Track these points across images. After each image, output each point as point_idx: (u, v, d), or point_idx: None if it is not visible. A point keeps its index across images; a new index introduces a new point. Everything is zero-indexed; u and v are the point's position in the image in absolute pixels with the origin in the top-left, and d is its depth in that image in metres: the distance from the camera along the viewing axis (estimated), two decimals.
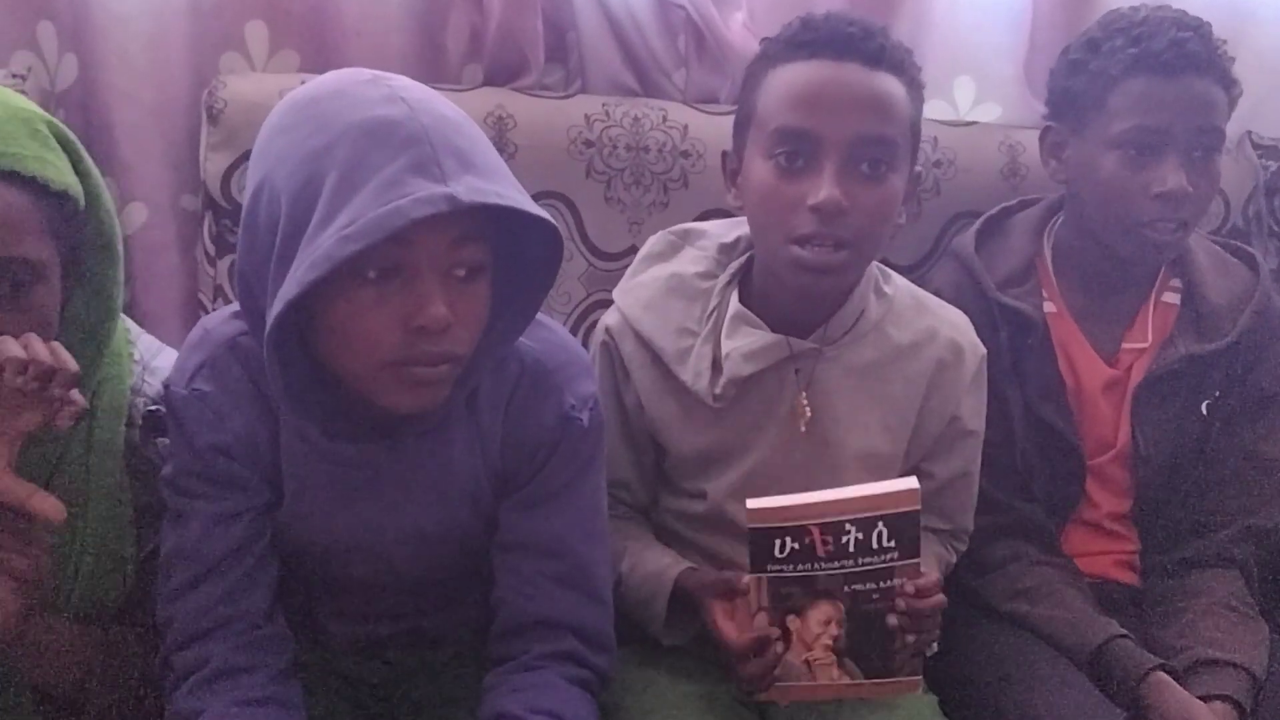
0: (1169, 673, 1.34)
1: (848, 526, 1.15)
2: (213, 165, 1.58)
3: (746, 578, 1.19)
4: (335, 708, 1.28)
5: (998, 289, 1.54)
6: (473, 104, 1.56)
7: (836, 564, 1.16)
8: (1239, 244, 1.68)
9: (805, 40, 1.26)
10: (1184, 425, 1.54)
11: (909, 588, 1.16)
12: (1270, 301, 1.57)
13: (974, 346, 1.41)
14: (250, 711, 1.11)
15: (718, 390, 1.33)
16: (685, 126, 1.67)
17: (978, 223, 1.63)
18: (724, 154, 1.37)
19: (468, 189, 0.98)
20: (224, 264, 1.61)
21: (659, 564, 1.35)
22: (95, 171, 1.13)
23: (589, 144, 1.65)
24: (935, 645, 1.43)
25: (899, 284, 1.42)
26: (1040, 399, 1.53)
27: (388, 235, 0.95)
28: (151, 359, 1.25)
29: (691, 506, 1.41)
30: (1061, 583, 1.47)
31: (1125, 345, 1.56)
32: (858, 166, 1.23)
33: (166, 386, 1.18)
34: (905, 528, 1.15)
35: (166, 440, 1.21)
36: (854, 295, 1.34)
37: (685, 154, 1.66)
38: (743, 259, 1.39)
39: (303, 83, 1.53)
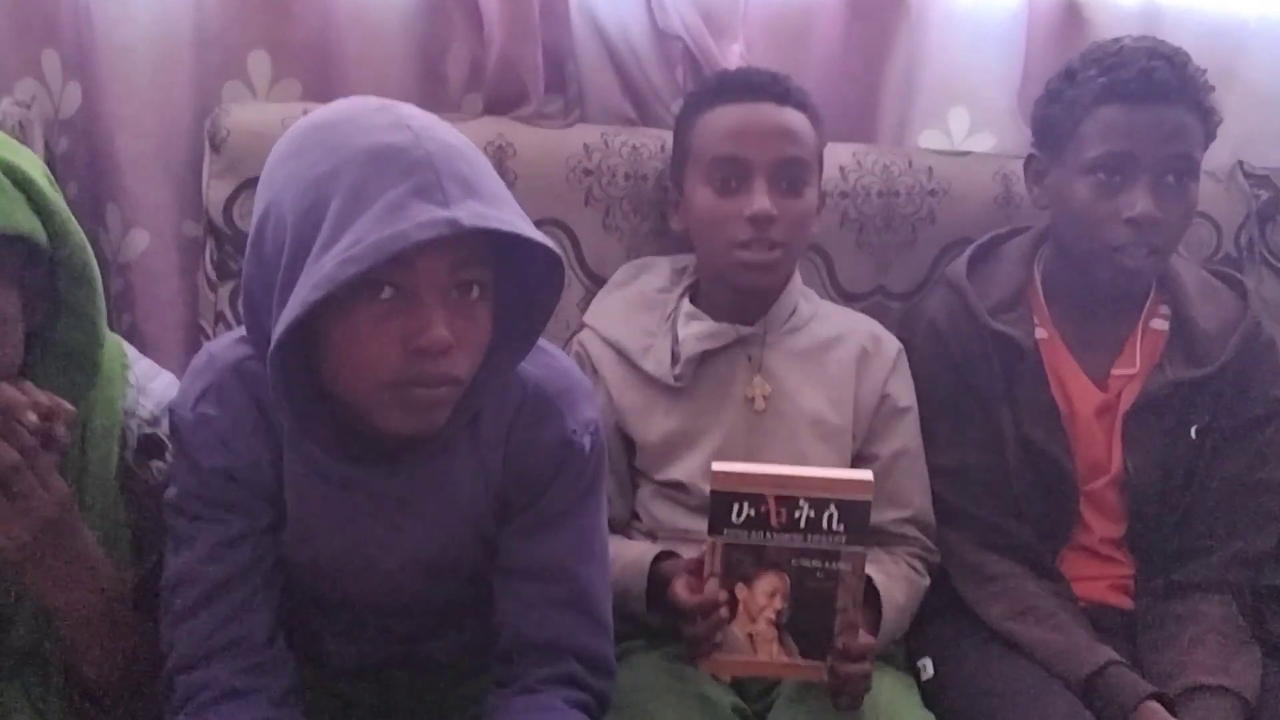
0: (1163, 701, 1.35)
1: (802, 502, 1.23)
2: (215, 193, 1.59)
3: (708, 540, 1.26)
4: None
5: (989, 315, 1.56)
6: (473, 133, 1.56)
7: (787, 536, 1.23)
8: (1227, 270, 1.70)
9: (726, 87, 1.54)
10: (1174, 450, 1.55)
11: (852, 575, 1.24)
12: (1258, 327, 1.59)
13: (890, 339, 1.61)
14: None
15: (677, 371, 1.51)
16: None
17: (969, 250, 1.66)
18: (665, 188, 1.63)
19: (470, 214, 1.00)
20: (225, 290, 1.62)
21: (636, 551, 1.45)
22: (60, 208, 1.11)
23: (588, 172, 1.67)
24: (931, 668, 1.46)
25: (819, 299, 1.65)
26: (1033, 424, 1.55)
27: (390, 257, 0.97)
28: (147, 382, 1.25)
29: (676, 496, 1.51)
30: (1057, 606, 1.48)
31: (1115, 371, 1.58)
32: (780, 184, 1.49)
33: (171, 410, 1.19)
34: (856, 515, 1.23)
35: (161, 463, 1.22)
36: (787, 290, 1.57)
37: (667, 186, 1.68)
38: (691, 279, 1.60)
39: (305, 111, 1.57)
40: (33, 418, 1.03)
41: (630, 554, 1.43)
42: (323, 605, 1.27)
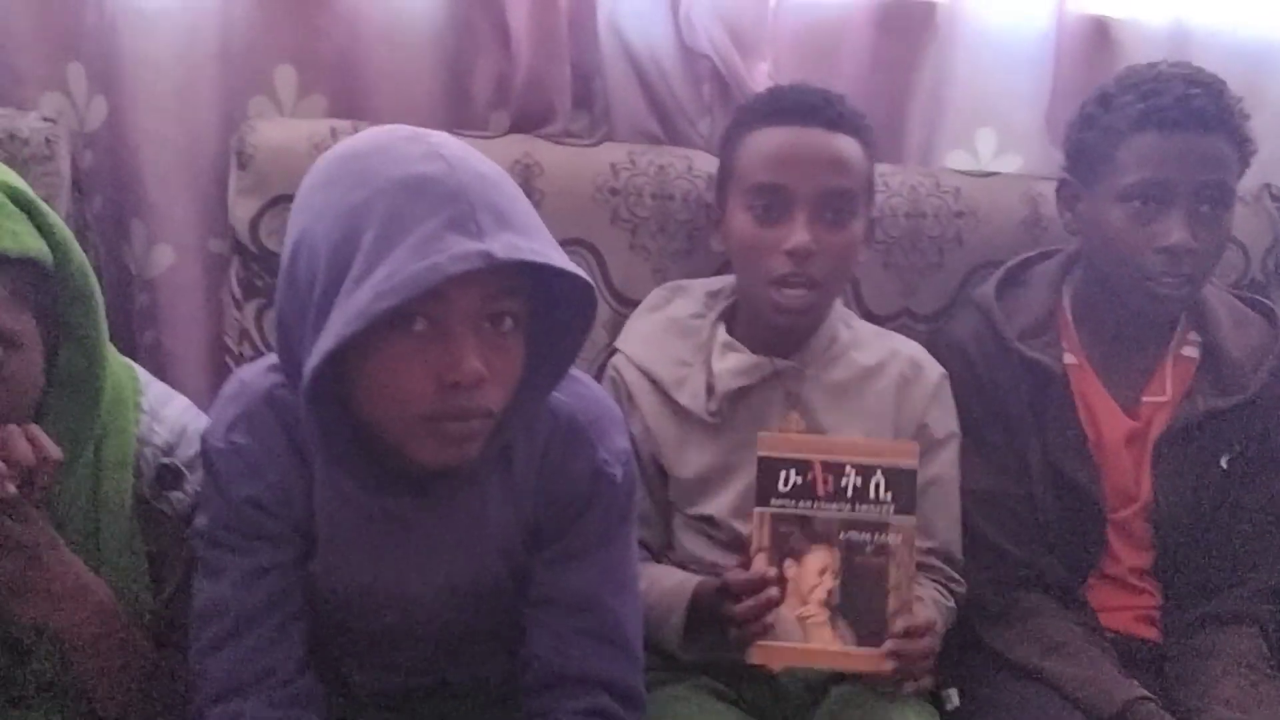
0: None
1: (848, 469, 1.24)
2: (241, 210, 1.58)
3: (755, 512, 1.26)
4: None
5: (1018, 339, 1.55)
6: (500, 151, 1.57)
7: (834, 506, 1.24)
8: (1257, 297, 1.69)
9: (775, 109, 1.47)
10: (1204, 480, 1.54)
11: (903, 546, 1.24)
12: None
13: (932, 364, 1.54)
14: None
15: (713, 407, 1.47)
16: (710, 175, 1.67)
17: (998, 273, 1.65)
18: (707, 205, 1.59)
19: (504, 246, 0.99)
20: (251, 308, 1.61)
21: (675, 579, 1.41)
22: (60, 228, 1.11)
23: (614, 192, 1.66)
24: (956, 699, 1.45)
25: (858, 322, 1.59)
26: (1061, 451, 1.54)
27: (424, 290, 0.97)
28: (161, 408, 1.24)
29: (706, 530, 1.48)
30: (1084, 639, 1.47)
31: (1145, 398, 1.57)
32: (823, 215, 1.42)
33: (203, 439, 1.18)
34: (903, 483, 1.24)
35: (179, 494, 1.21)
36: (825, 324, 1.51)
37: (710, 203, 1.67)
38: (728, 303, 1.55)
39: (332, 129, 1.59)
40: (11, 488, 1.02)
41: (669, 581, 1.40)
42: (350, 635, 1.26)
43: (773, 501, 1.24)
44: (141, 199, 1.66)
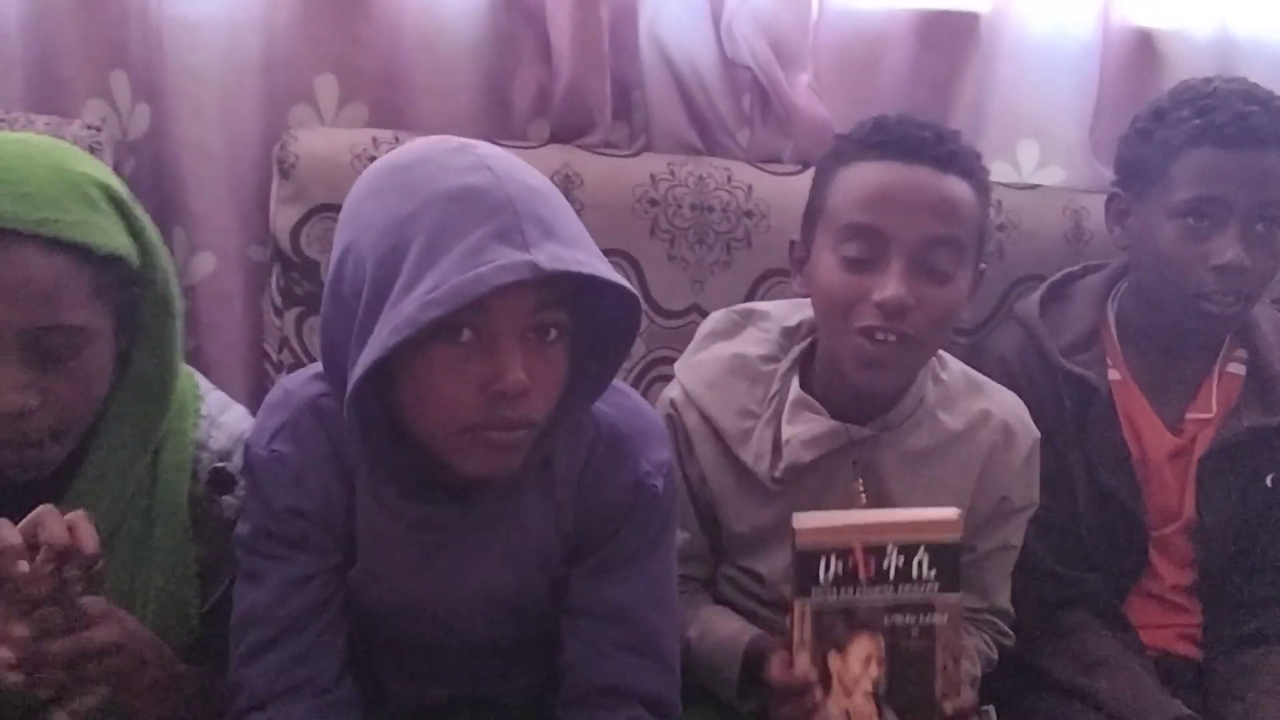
0: None
1: (890, 549, 1.16)
2: (282, 219, 1.59)
3: (795, 605, 1.18)
4: None
5: (1062, 355, 1.54)
6: (540, 161, 1.53)
7: (877, 590, 1.16)
8: None
9: (877, 141, 1.30)
10: (1249, 498, 1.53)
11: (948, 627, 1.17)
12: None
13: (1026, 429, 1.41)
14: None
15: (777, 474, 1.35)
16: (749, 186, 1.68)
17: (1042, 288, 1.63)
18: (792, 243, 1.39)
19: (549, 257, 0.99)
20: (291, 315, 1.62)
21: (730, 629, 1.35)
22: (150, 230, 1.12)
23: (654, 203, 1.66)
24: (994, 716, 1.43)
25: (953, 368, 1.44)
26: (1104, 467, 1.52)
27: (470, 301, 0.97)
28: (219, 414, 1.25)
29: (751, 585, 1.41)
30: (1125, 656, 1.45)
31: (1189, 415, 1.55)
32: (924, 266, 1.26)
33: (246, 446, 1.18)
34: (947, 558, 1.16)
35: (231, 499, 1.21)
36: (913, 386, 1.37)
37: (749, 214, 1.67)
38: (805, 343, 1.41)
39: (374, 139, 1.60)
40: (24, 567, 0.98)
41: (724, 631, 1.35)
42: (387, 645, 1.26)
43: (814, 592, 1.16)
44: (183, 207, 1.67)
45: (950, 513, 1.18)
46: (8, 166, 1.04)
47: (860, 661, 1.18)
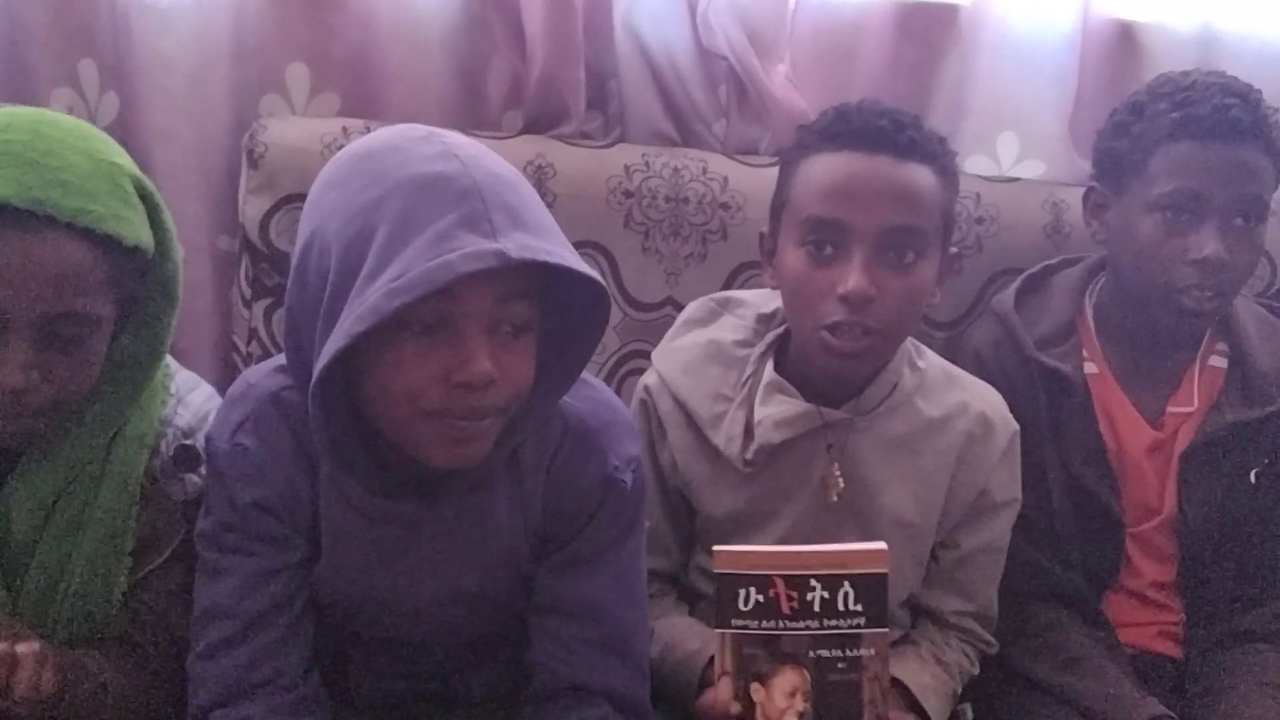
0: None
1: (813, 583, 1.14)
2: (252, 209, 1.57)
3: (716, 634, 1.17)
4: None
5: (1037, 348, 1.52)
6: (513, 152, 1.56)
7: (801, 624, 1.14)
8: None
9: (837, 131, 1.29)
10: (1232, 494, 1.51)
11: (876, 660, 1.14)
12: None
13: (1005, 422, 1.41)
14: None
15: (749, 455, 1.34)
16: (725, 178, 1.66)
17: (1018, 281, 1.61)
18: (761, 235, 1.39)
19: (517, 246, 0.98)
20: (259, 307, 1.60)
21: (687, 650, 1.33)
22: (170, 223, 1.15)
23: (628, 194, 1.64)
24: (971, 715, 1.42)
25: (931, 359, 1.43)
26: (1080, 462, 1.50)
27: (436, 289, 0.96)
28: (187, 393, 1.26)
29: None
30: (1102, 655, 1.44)
31: (1170, 409, 1.53)
32: (886, 255, 1.26)
33: (208, 439, 1.18)
34: (873, 591, 1.14)
35: (195, 477, 1.21)
36: (887, 370, 1.36)
37: (725, 206, 1.65)
38: (780, 330, 1.40)
39: (344, 128, 1.58)
40: None
41: (681, 652, 1.33)
42: (353, 641, 1.25)
43: (734, 622, 1.14)
44: None
45: (877, 545, 1.16)
46: (48, 151, 1.06)
47: (784, 694, 1.15)
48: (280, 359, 1.17)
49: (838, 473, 1.35)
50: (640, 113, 1.73)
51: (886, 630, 1.15)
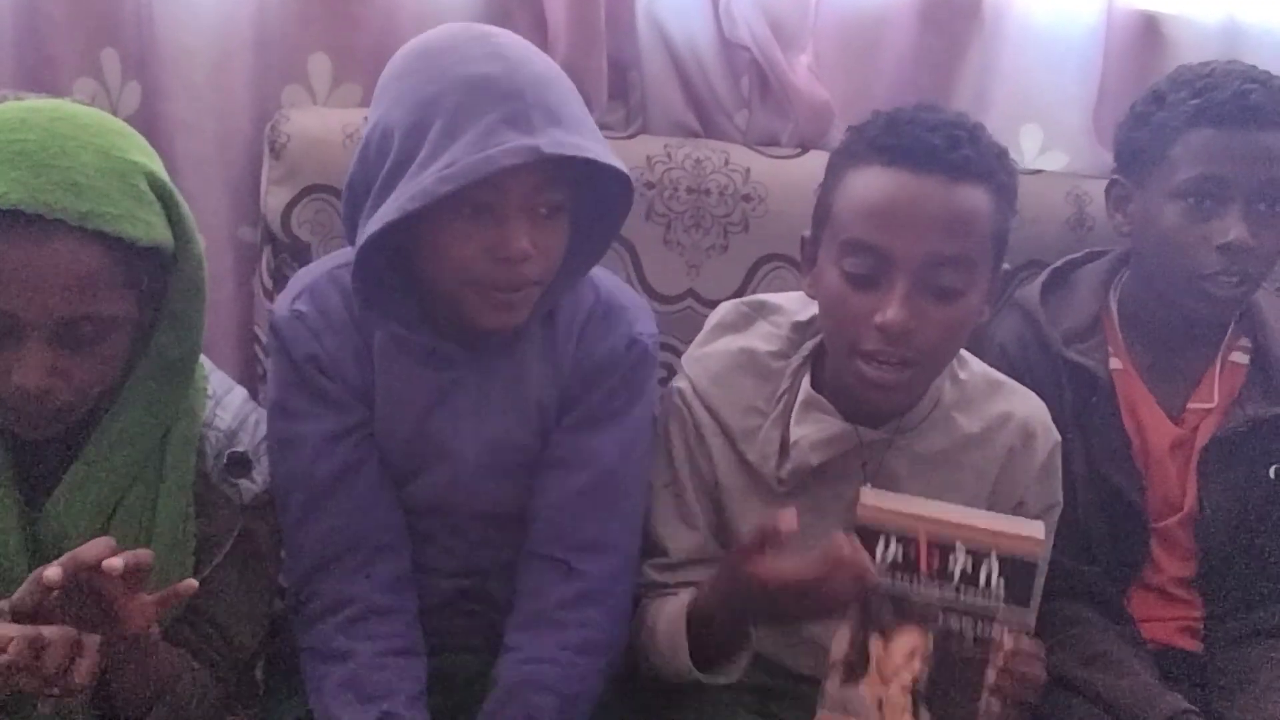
0: None
1: (959, 549, 1.11)
2: (274, 199, 1.57)
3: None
4: None
5: (1063, 343, 1.51)
6: None
7: (936, 587, 1.11)
8: None
9: (887, 144, 1.22)
10: (1252, 489, 1.50)
11: (1010, 642, 1.10)
12: None
13: (1047, 432, 1.37)
14: (396, 661, 1.25)
15: (783, 475, 1.32)
16: (747, 170, 1.65)
17: (1043, 275, 1.61)
18: (803, 239, 1.33)
19: (551, 141, 1.13)
20: None
21: (671, 610, 1.30)
22: (189, 218, 1.16)
23: (650, 185, 1.63)
24: None
25: (974, 368, 1.38)
26: (1104, 458, 1.50)
27: (480, 179, 1.11)
28: (224, 394, 1.28)
29: None
30: (1124, 650, 1.44)
31: (1191, 405, 1.53)
32: (930, 285, 1.19)
33: (271, 313, 1.32)
34: (1021, 575, 1.11)
35: (248, 482, 1.25)
36: (928, 390, 1.32)
37: (746, 198, 1.65)
38: (816, 340, 1.35)
39: (365, 119, 1.55)
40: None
41: (666, 616, 1.30)
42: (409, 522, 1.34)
43: None
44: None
45: (1036, 529, 1.12)
46: (60, 151, 1.06)
47: (904, 653, 1.13)
48: (338, 256, 1.33)
49: (870, 489, 1.29)
50: (662, 104, 1.73)
51: (1029, 617, 1.11)
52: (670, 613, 1.30)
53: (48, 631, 0.99)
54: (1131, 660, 1.42)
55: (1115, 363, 1.53)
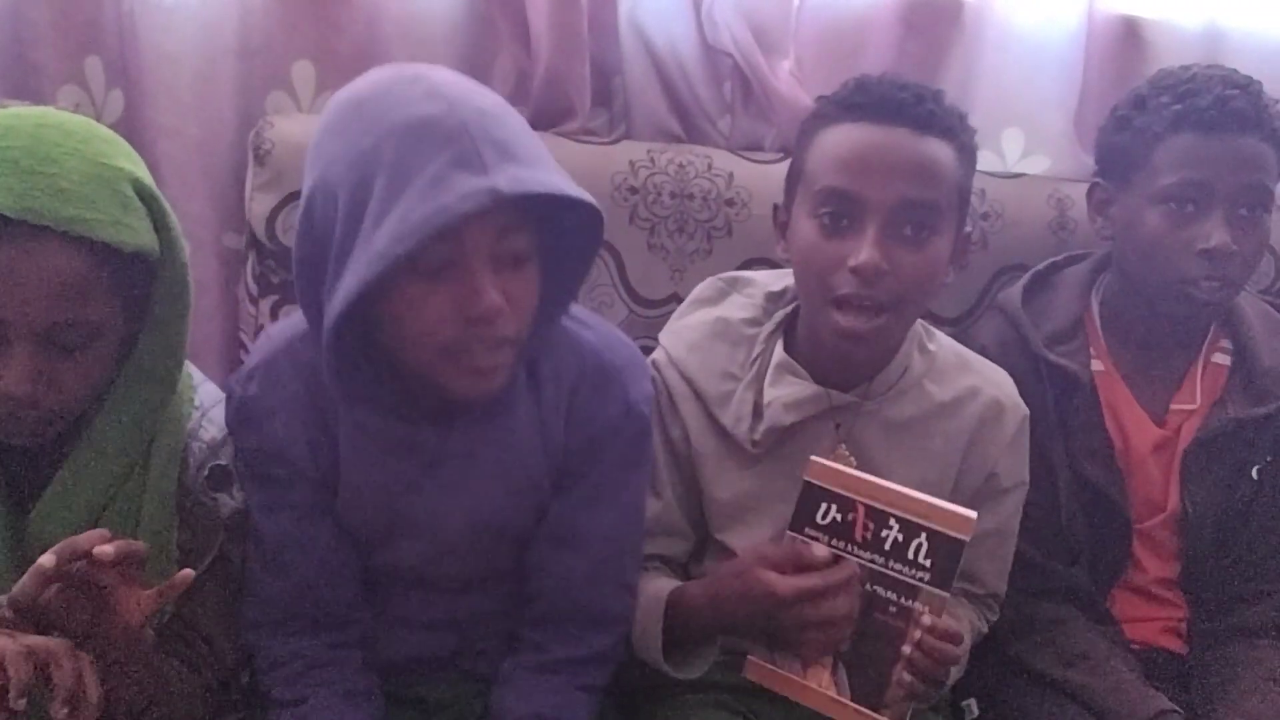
0: None
1: (892, 522, 1.15)
2: (258, 206, 1.57)
3: (786, 534, 1.19)
4: None
5: (1044, 346, 1.52)
6: None
7: (868, 555, 1.16)
8: None
9: (856, 102, 1.28)
10: (1234, 490, 1.51)
11: (928, 619, 1.14)
12: None
13: (1015, 405, 1.40)
14: (352, 702, 1.22)
15: (757, 436, 1.34)
16: (730, 174, 1.66)
17: (1025, 278, 1.61)
18: (775, 206, 1.38)
19: (509, 180, 1.02)
20: (266, 304, 1.60)
21: (654, 588, 1.32)
22: (175, 225, 1.14)
23: (633, 190, 1.64)
24: (976, 709, 1.41)
25: (943, 341, 1.42)
26: (1087, 459, 1.50)
27: (436, 231, 1.00)
28: (211, 406, 1.27)
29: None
30: (1108, 650, 1.44)
31: (1174, 406, 1.54)
32: (900, 230, 1.24)
33: (227, 387, 1.25)
34: (946, 553, 1.13)
35: (227, 496, 1.25)
36: (897, 354, 1.35)
37: (730, 202, 1.65)
38: (789, 308, 1.39)
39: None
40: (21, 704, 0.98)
41: (647, 592, 1.32)
42: (384, 581, 1.29)
43: (806, 530, 1.17)
44: None
45: (968, 512, 1.15)
46: (47, 157, 1.06)
47: None
48: (298, 323, 1.21)
49: (846, 453, 1.34)
50: (645, 109, 1.74)
51: (947, 596, 1.14)
52: (647, 598, 1.31)
53: (39, 644, 0.99)
54: (1115, 661, 1.42)
55: (1097, 365, 1.54)
